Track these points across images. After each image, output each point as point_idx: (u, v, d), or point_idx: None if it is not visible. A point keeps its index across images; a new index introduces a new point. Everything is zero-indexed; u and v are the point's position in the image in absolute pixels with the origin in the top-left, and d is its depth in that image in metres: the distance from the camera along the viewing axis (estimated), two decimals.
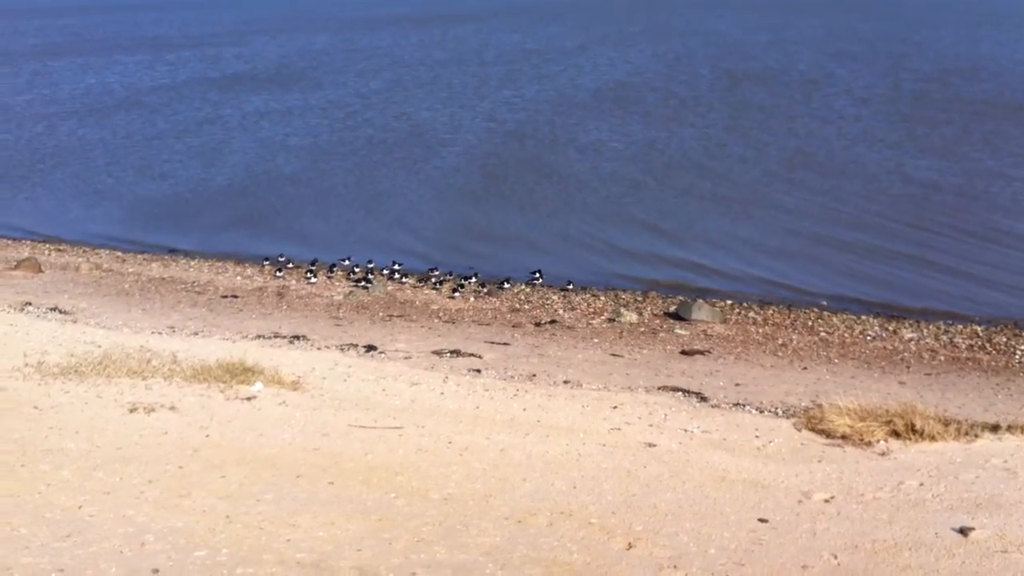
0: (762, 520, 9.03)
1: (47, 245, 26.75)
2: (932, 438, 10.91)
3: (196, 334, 16.78)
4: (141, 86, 63.08)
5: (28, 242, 27.22)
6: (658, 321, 19.74)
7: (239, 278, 23.17)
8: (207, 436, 10.71)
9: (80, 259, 24.85)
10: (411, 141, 41.19)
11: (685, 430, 11.63)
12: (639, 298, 21.33)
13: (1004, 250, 24.16)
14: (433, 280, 22.39)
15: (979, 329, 18.90)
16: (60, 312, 18.35)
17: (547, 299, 21.35)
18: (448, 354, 16.00)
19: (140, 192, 33.24)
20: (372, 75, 67.70)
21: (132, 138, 43.49)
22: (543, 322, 19.60)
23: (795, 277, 22.65)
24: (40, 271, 23.01)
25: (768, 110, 48.50)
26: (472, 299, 21.34)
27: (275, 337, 16.81)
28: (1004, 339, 18.32)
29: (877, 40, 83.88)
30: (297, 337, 16.86)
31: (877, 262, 23.54)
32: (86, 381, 12.33)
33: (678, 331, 18.92)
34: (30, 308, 18.48)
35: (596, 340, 18.21)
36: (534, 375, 14.71)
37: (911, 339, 18.40)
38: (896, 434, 11.04)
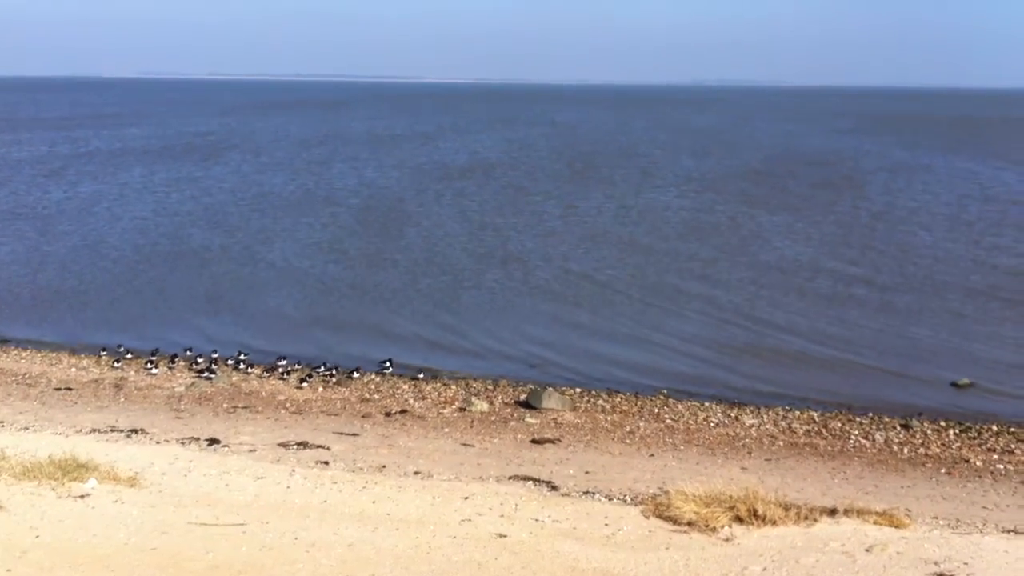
0: None
1: None
2: (774, 523, 11.20)
3: (26, 428, 15.94)
4: None
5: None
6: (509, 410, 19.78)
7: (74, 369, 22.14)
8: (37, 537, 10.11)
9: None
10: (254, 224, 40.72)
11: (536, 519, 11.62)
12: (490, 386, 21.37)
13: (839, 330, 25.44)
14: (280, 370, 21.92)
15: (815, 415, 19.63)
16: None
17: (397, 388, 21.15)
18: (295, 446, 15.64)
19: None
20: (223, 157, 66.86)
21: None
22: (393, 412, 19.40)
23: (642, 365, 23.16)
24: None
25: (606, 193, 50.25)
26: (321, 389, 20.96)
27: (112, 431, 16.12)
28: (839, 424, 19.07)
29: (699, 131, 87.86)
30: (135, 431, 16.20)
31: (720, 351, 24.32)
32: None
33: (528, 419, 19.00)
34: None
35: (447, 429, 18.11)
36: (384, 466, 14.50)
37: (752, 425, 18.96)
38: (740, 519, 11.29)
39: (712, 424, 19.05)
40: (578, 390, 21.18)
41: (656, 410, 19.92)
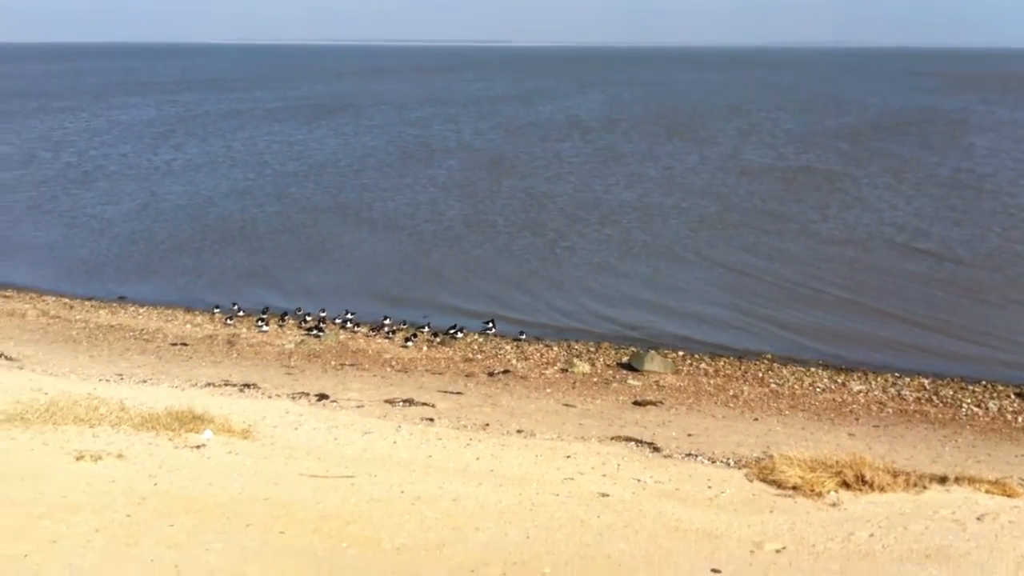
0: (715, 570, 9.03)
1: None
2: (881, 489, 11.01)
3: (145, 382, 16.55)
4: (101, 128, 62.62)
5: None
6: (611, 372, 19.79)
7: (188, 326, 22.90)
8: (155, 484, 10.52)
9: (27, 305, 24.44)
10: (356, 184, 41.28)
11: (638, 480, 11.63)
12: (592, 349, 21.39)
13: (954, 299, 24.71)
14: (386, 329, 22.30)
15: (926, 382, 19.17)
16: (5, 359, 18.02)
17: (500, 349, 21.34)
18: (401, 403, 15.92)
19: (88, 239, 32.86)
20: (337, 123, 67.83)
21: (79, 185, 43.08)
22: (496, 372, 19.58)
23: (745, 329, 22.89)
24: None
25: (707, 160, 49.49)
26: (425, 348, 21.27)
27: (225, 385, 16.63)
28: (951, 392, 18.60)
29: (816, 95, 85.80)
30: (248, 385, 16.68)
31: (826, 313, 23.87)
32: (31, 428, 12.08)
33: (631, 382, 18.99)
34: None
35: (549, 390, 18.22)
36: (487, 424, 14.67)
37: (859, 391, 18.61)
38: (846, 485, 11.12)
39: (818, 389, 18.76)
40: (680, 353, 21.06)
41: (760, 374, 19.70)
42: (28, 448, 11.43)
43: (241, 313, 23.55)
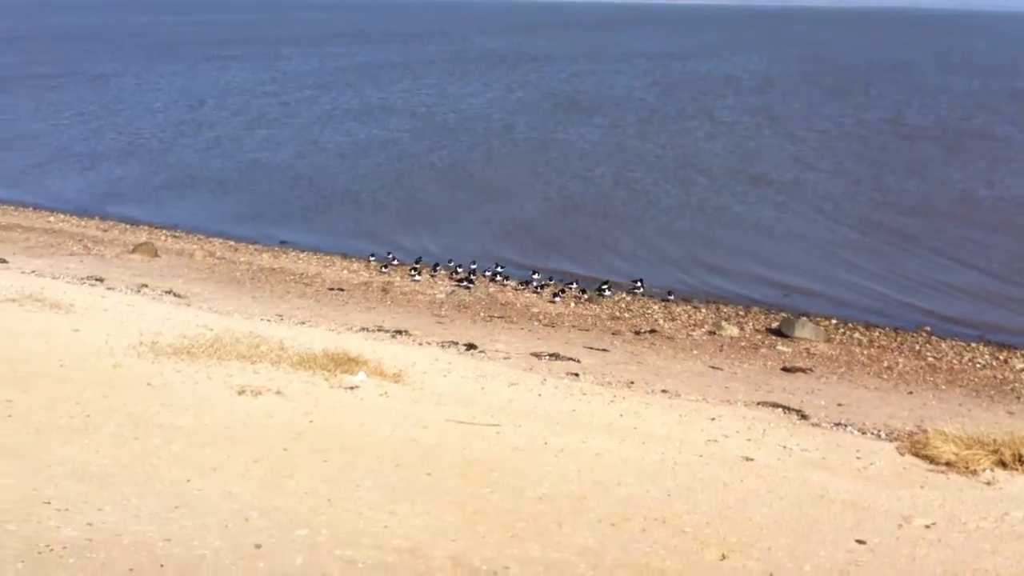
0: (860, 541, 8.88)
1: (163, 231, 27.67)
2: None
3: (303, 323, 17.18)
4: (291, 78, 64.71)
5: (146, 227, 28.20)
6: (759, 336, 19.50)
7: (345, 272, 23.65)
8: (311, 422, 10.98)
9: (194, 246, 25.66)
10: (507, 138, 41.51)
11: (784, 446, 11.49)
12: (741, 312, 21.11)
13: None
14: (534, 284, 22.51)
15: None
16: (174, 295, 18.98)
17: (647, 308, 21.28)
18: (547, 357, 16.08)
19: (251, 184, 34.18)
20: (514, 80, 68.27)
21: (242, 130, 44.70)
22: (643, 331, 19.55)
23: (902, 299, 22.16)
24: (156, 256, 23.83)
25: (865, 123, 47.72)
26: (572, 305, 21.39)
27: (378, 331, 17.11)
28: None
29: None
30: (400, 332, 17.13)
31: (991, 287, 22.88)
32: (197, 362, 12.74)
33: (780, 348, 18.67)
34: (146, 290, 19.16)
35: (696, 352, 18.09)
36: (632, 382, 14.69)
37: (1022, 369, 17.83)
38: (1003, 464, 10.72)
39: (978, 366, 18.05)
40: (833, 321, 20.55)
41: (917, 347, 19.08)
42: (194, 381, 12.08)
43: (395, 262, 24.17)
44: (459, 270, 23.54)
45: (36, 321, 14.40)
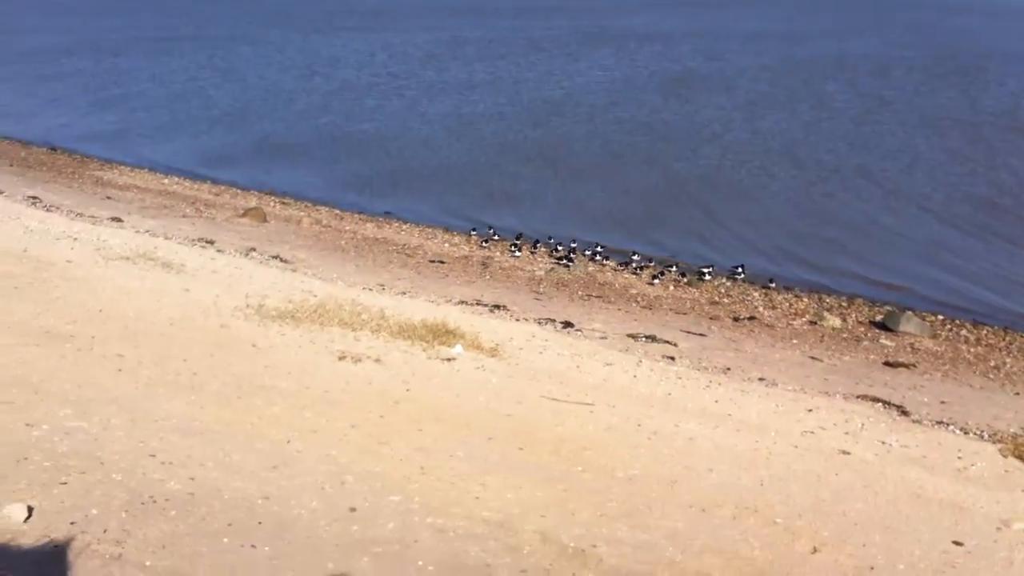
0: (956, 543, 8.71)
1: (272, 197, 28.30)
2: None
3: (404, 293, 17.43)
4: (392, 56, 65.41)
5: (256, 193, 28.87)
6: (862, 329, 19.13)
7: (447, 245, 23.88)
8: (408, 390, 11.18)
9: (302, 213, 26.19)
10: (612, 116, 41.22)
11: (882, 442, 11.29)
12: (844, 304, 20.71)
13: None
14: (634, 265, 22.42)
15: None
16: (281, 260, 19.43)
17: (748, 295, 21.04)
18: (643, 339, 16.03)
19: (357, 155, 34.70)
20: (630, 57, 67.89)
21: (350, 102, 45.31)
22: (741, 317, 19.34)
23: (1014, 298, 21.45)
24: (265, 221, 24.40)
25: (980, 112, 46.01)
26: (671, 288, 21.26)
27: (477, 304, 17.26)
28: None
29: None
30: (498, 307, 17.26)
31: None
32: (301, 327, 13.06)
33: (883, 341, 18.28)
34: (254, 254, 19.65)
35: (795, 341, 17.84)
36: (728, 369, 14.57)
37: None
38: None
39: None
40: (940, 317, 20.03)
41: None
42: (297, 345, 12.39)
43: (496, 237, 24.31)
44: (559, 248, 23.57)
45: (148, 279, 14.91)
